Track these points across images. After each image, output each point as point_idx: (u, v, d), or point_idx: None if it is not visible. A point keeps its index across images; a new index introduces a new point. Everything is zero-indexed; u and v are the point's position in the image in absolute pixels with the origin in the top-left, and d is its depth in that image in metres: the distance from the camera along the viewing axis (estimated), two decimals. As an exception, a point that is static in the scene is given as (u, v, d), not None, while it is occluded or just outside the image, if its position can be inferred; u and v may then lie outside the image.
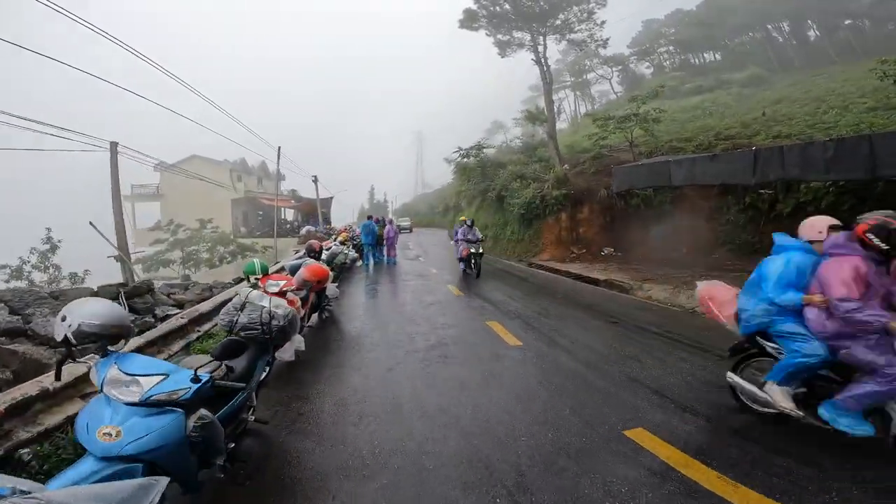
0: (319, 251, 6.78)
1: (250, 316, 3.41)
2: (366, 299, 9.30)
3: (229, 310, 3.53)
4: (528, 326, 6.81)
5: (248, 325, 3.37)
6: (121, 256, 11.80)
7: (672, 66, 48.14)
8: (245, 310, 3.48)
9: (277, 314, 3.45)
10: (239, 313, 3.45)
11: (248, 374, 3.12)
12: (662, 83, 22.71)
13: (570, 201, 17.49)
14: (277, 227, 36.18)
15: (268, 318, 3.40)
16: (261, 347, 3.42)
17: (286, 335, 3.57)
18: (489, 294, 9.53)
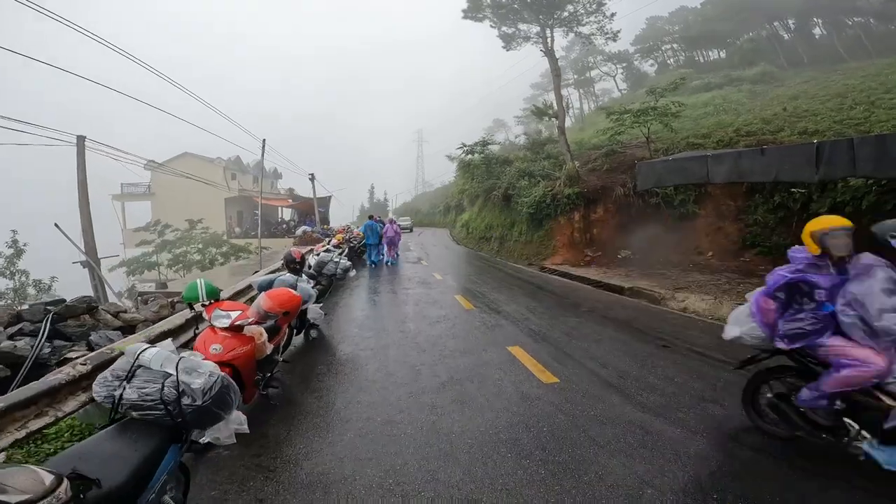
0: (301, 261, 5.53)
1: (143, 390, 2.14)
2: (361, 313, 8.05)
3: (107, 378, 2.25)
4: (560, 353, 5.55)
5: (141, 404, 2.11)
6: (88, 262, 10.54)
7: (676, 64, 47.78)
8: (136, 379, 2.21)
9: (192, 388, 2.18)
10: (124, 384, 2.18)
11: (142, 479, 1.88)
12: (683, 76, 21.47)
13: (584, 200, 16.25)
14: (274, 227, 34.99)
15: (174, 395, 2.14)
16: (169, 433, 2.19)
17: (209, 418, 2.30)
18: (504, 306, 8.27)
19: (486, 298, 9.04)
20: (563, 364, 5.14)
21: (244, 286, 5.83)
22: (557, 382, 4.62)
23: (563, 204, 16.20)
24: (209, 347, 3.19)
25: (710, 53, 46.10)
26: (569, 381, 4.66)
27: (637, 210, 15.87)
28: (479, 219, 26.34)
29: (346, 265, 6.79)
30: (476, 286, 10.71)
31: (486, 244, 23.10)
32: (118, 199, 32.78)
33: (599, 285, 10.99)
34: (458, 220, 35.99)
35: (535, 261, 15.99)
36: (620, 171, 17.46)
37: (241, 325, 3.30)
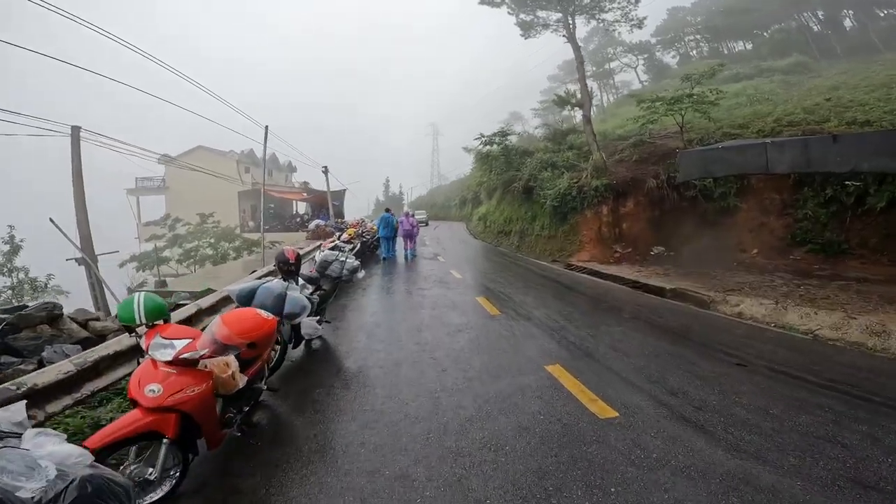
0: (296, 263, 4.61)
1: None
2: (372, 318, 7.12)
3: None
4: (611, 374, 4.55)
5: None
6: (84, 259, 9.85)
7: (700, 55, 46.04)
8: None
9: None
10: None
11: None
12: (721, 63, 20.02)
13: (613, 193, 15.10)
14: (288, 221, 34.39)
15: None
16: None
17: None
18: (534, 311, 7.27)
19: (512, 301, 8.04)
20: (619, 390, 4.14)
21: (219, 297, 4.91)
22: (616, 417, 3.64)
23: (590, 196, 15.09)
24: (144, 388, 2.32)
25: (736, 45, 44.44)
26: (631, 414, 3.67)
27: (672, 204, 14.71)
28: (498, 212, 25.28)
29: (354, 265, 5.86)
30: (499, 286, 9.71)
31: (505, 239, 22.06)
32: (132, 194, 32.49)
33: (636, 286, 9.91)
34: (475, 213, 34.96)
35: (560, 257, 14.92)
36: (651, 163, 16.31)
37: (190, 359, 2.39)
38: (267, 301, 3.70)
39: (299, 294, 3.98)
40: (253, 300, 3.70)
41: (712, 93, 15.88)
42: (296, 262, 4.52)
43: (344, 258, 5.82)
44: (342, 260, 5.76)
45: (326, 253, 5.90)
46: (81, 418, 3.28)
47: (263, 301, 3.69)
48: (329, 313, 6.65)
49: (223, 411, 2.93)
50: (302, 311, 3.86)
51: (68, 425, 3.20)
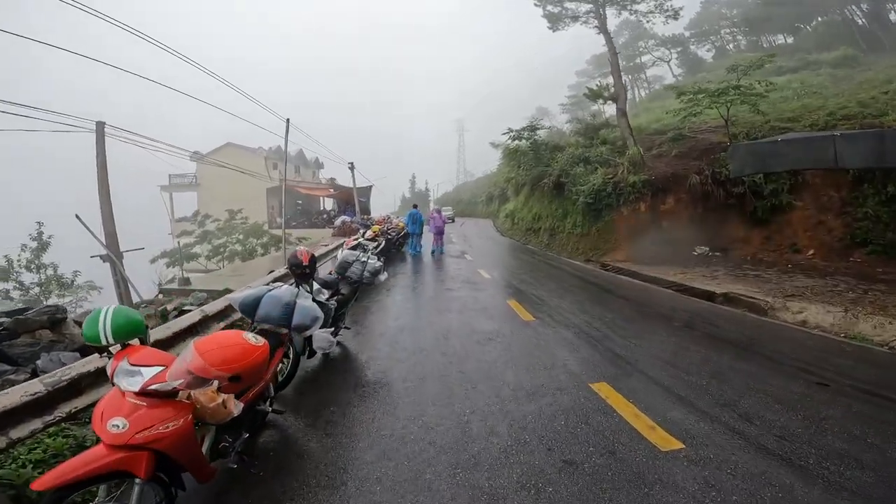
0: (310, 265, 4.12)
1: None
2: (395, 323, 6.63)
3: None
4: (671, 395, 3.93)
5: None
6: (109, 256, 9.74)
7: (737, 49, 44.40)
8: None
9: None
10: None
11: None
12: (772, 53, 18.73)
13: (651, 189, 14.21)
14: (314, 217, 34.47)
15: None
16: None
17: None
18: (571, 318, 6.64)
19: (547, 306, 7.43)
20: (681, 414, 3.54)
21: (221, 307, 4.47)
22: (682, 448, 3.06)
23: (627, 193, 14.24)
24: (106, 423, 1.88)
25: (775, 38, 42.61)
26: (699, 445, 3.09)
27: (717, 201, 13.73)
28: (526, 209, 24.55)
29: (376, 267, 5.37)
30: (531, 288, 9.10)
31: (533, 236, 21.33)
32: (166, 190, 33.18)
33: (681, 289, 9.13)
34: (502, 210, 34.26)
35: (594, 256, 14.15)
36: (693, 158, 15.34)
37: (161, 391, 1.94)
38: (273, 311, 3.25)
39: (311, 303, 3.49)
40: (257, 310, 3.25)
41: (761, 84, 14.79)
42: (310, 265, 4.05)
43: (365, 259, 5.35)
44: (363, 261, 5.29)
45: (346, 253, 5.44)
46: (64, 438, 2.91)
47: (269, 311, 3.24)
48: (349, 317, 6.23)
49: (216, 440, 2.49)
50: (313, 323, 3.38)
51: (47, 447, 2.83)
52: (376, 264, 5.42)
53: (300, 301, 3.39)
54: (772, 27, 41.34)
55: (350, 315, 6.32)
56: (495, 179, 43.93)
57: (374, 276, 5.33)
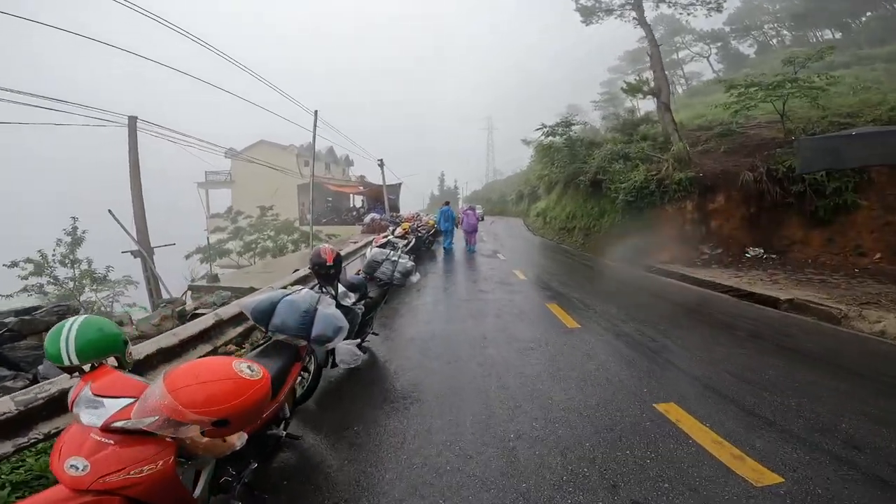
0: (335, 265, 3.65)
1: None
2: (427, 328, 6.12)
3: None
4: (755, 418, 3.28)
5: None
6: (140, 252, 9.67)
7: (780, 44, 42.49)
8: None
9: None
10: None
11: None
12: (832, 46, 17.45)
13: (699, 187, 13.25)
14: (344, 214, 34.51)
15: None
16: None
17: None
18: (620, 324, 5.99)
19: (591, 310, 6.79)
20: (772, 442, 2.94)
21: (236, 311, 4.01)
22: (782, 483, 2.48)
23: (672, 191, 13.32)
24: (64, 462, 1.46)
25: (822, 33, 40.67)
26: (802, 478, 2.52)
27: (772, 200, 12.67)
28: (559, 207, 23.71)
29: (407, 267, 4.89)
30: (570, 290, 8.45)
31: (567, 236, 20.52)
32: (202, 187, 33.86)
33: (740, 294, 8.31)
34: (533, 208, 33.42)
35: (635, 257, 13.29)
36: (744, 154, 14.29)
37: (128, 428, 1.49)
38: (289, 319, 2.78)
39: (334, 310, 3.00)
40: (272, 318, 2.80)
41: (821, 77, 13.66)
42: (335, 265, 3.59)
43: (396, 258, 4.88)
44: (394, 260, 4.82)
45: (376, 251, 4.99)
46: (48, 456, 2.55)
47: (285, 319, 2.78)
48: (377, 320, 5.79)
49: (216, 475, 2.04)
50: (336, 335, 2.88)
51: (30, 467, 2.47)
52: (408, 264, 4.94)
53: (322, 308, 2.91)
54: (818, 22, 39.64)
55: (378, 318, 5.88)
56: (526, 177, 43.02)
57: (405, 276, 4.86)
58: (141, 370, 2.80)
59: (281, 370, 2.58)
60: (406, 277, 4.90)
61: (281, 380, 2.57)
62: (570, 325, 5.93)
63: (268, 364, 2.58)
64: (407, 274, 4.89)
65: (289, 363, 2.67)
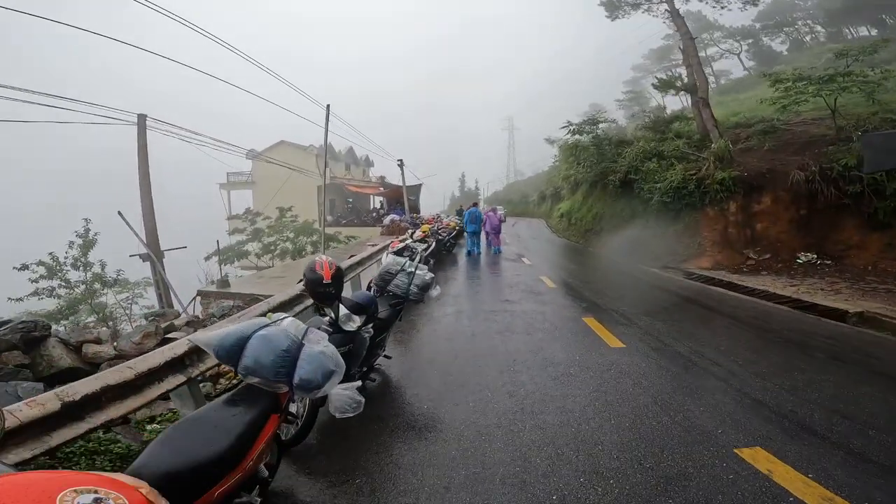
0: (334, 282, 2.88)
1: None
2: (447, 346, 5.38)
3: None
4: (870, 465, 2.48)
5: None
6: (149, 255, 9.26)
7: (815, 41, 40.39)
8: None
9: None
10: None
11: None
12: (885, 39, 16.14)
13: (744, 187, 12.21)
14: (364, 215, 34.13)
15: None
16: None
17: None
18: (673, 343, 5.16)
19: (635, 326, 5.97)
20: None
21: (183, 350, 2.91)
22: None
23: (714, 191, 12.31)
24: None
25: (858, 30, 38.14)
26: None
27: (825, 201, 11.57)
28: (585, 208, 22.75)
29: (426, 280, 4.16)
30: (607, 301, 7.62)
31: (595, 238, 19.55)
32: (224, 188, 33.94)
33: (800, 306, 7.37)
34: (556, 209, 32.43)
35: (672, 263, 12.34)
36: (790, 152, 13.20)
37: None
38: (264, 360, 2.02)
39: (325, 347, 2.22)
40: (242, 357, 2.11)
41: (875, 72, 12.54)
42: (334, 282, 2.89)
43: (412, 268, 4.18)
44: (409, 271, 4.12)
45: (390, 260, 4.28)
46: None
47: (258, 359, 2.04)
48: (392, 336, 5.13)
49: None
50: (326, 380, 2.14)
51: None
52: (426, 276, 4.23)
53: (308, 345, 2.19)
54: (854, 19, 37.33)
55: (393, 332, 5.21)
56: (549, 178, 41.98)
57: (423, 291, 4.16)
58: (80, 413, 2.19)
59: (251, 425, 1.92)
60: (424, 292, 4.20)
61: (252, 436, 1.90)
62: (612, 345, 5.13)
63: (235, 416, 1.93)
64: (425, 288, 4.19)
65: (261, 416, 1.98)
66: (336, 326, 2.94)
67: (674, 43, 48.37)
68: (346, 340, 2.97)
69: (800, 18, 42.93)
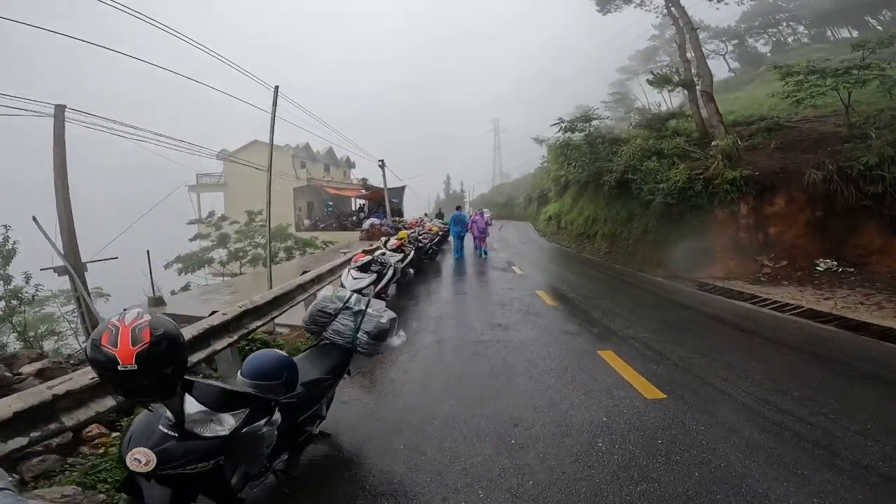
0: (146, 366, 1.32)
1: None
2: (419, 396, 3.95)
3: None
4: None
5: None
6: (66, 268, 7.65)
7: (797, 43, 40.46)
8: None
9: None
10: None
11: None
12: None
13: (757, 187, 11.08)
14: (344, 219, 32.47)
15: None
16: None
17: None
18: (728, 388, 3.80)
19: (668, 361, 4.60)
20: None
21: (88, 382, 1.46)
22: None
23: (724, 192, 11.13)
24: None
25: (840, 31, 38.34)
26: None
27: (844, 202, 10.52)
28: (575, 211, 21.59)
29: (383, 323, 2.67)
30: (621, 323, 6.23)
31: (588, 243, 18.35)
32: (193, 191, 31.97)
33: (845, 324, 6.16)
34: (543, 212, 31.31)
35: (681, 272, 11.12)
36: (801, 150, 12.19)
37: None
38: None
39: None
40: None
41: (892, 65, 11.65)
42: (146, 368, 1.38)
43: (363, 305, 2.73)
44: (357, 310, 2.68)
45: (324, 295, 2.78)
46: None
47: None
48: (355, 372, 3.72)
49: None
50: None
51: None
52: (382, 318, 2.76)
53: None
54: (840, 20, 37.47)
55: (354, 373, 3.77)
56: (535, 180, 40.98)
57: (377, 340, 2.74)
58: None
59: None
60: (379, 342, 2.76)
61: None
62: (648, 395, 3.75)
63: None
64: (381, 336, 2.75)
65: None
66: (182, 430, 1.55)
67: (660, 44, 48.20)
68: (201, 454, 1.58)
69: (783, 20, 42.88)
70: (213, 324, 3.56)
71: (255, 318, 4.34)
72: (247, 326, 4.05)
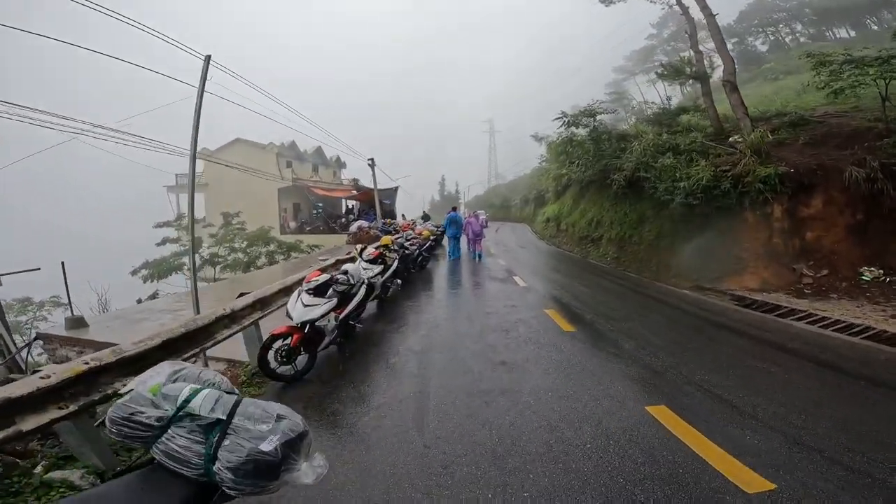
0: None
1: None
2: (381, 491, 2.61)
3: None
4: None
5: None
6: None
7: (795, 42, 40.13)
8: None
9: None
10: None
11: None
12: None
13: (792, 186, 9.73)
14: (332, 221, 30.90)
15: None
16: None
17: None
18: (829, 447, 2.44)
19: (746, 416, 3.16)
20: None
21: None
22: None
23: (756, 191, 9.75)
24: None
25: (837, 31, 38.36)
26: None
27: (891, 203, 9.24)
28: (577, 213, 20.25)
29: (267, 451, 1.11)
30: (668, 360, 4.68)
31: (592, 247, 16.95)
32: (172, 192, 30.34)
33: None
34: (540, 213, 29.96)
35: (706, 281, 9.72)
36: (833, 146, 10.96)
37: None
38: None
39: None
40: None
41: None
42: None
43: (221, 411, 1.22)
44: (210, 421, 1.22)
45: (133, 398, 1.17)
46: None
47: None
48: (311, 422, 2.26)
49: None
50: None
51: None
52: (262, 441, 1.21)
53: None
54: (839, 20, 37.31)
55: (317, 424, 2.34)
56: (532, 180, 39.72)
57: (255, 480, 1.15)
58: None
59: None
60: (258, 482, 1.20)
61: None
62: (751, 488, 2.31)
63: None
64: (259, 473, 1.04)
65: None
66: None
67: (657, 43, 47.25)
68: None
69: (781, 20, 42.49)
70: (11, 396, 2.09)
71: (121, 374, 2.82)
72: (102, 389, 2.58)
